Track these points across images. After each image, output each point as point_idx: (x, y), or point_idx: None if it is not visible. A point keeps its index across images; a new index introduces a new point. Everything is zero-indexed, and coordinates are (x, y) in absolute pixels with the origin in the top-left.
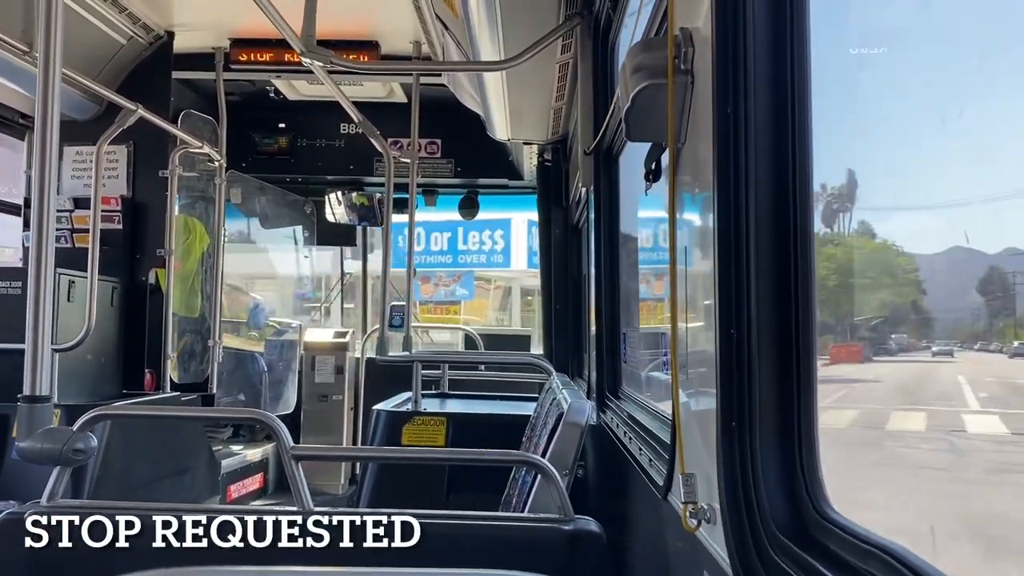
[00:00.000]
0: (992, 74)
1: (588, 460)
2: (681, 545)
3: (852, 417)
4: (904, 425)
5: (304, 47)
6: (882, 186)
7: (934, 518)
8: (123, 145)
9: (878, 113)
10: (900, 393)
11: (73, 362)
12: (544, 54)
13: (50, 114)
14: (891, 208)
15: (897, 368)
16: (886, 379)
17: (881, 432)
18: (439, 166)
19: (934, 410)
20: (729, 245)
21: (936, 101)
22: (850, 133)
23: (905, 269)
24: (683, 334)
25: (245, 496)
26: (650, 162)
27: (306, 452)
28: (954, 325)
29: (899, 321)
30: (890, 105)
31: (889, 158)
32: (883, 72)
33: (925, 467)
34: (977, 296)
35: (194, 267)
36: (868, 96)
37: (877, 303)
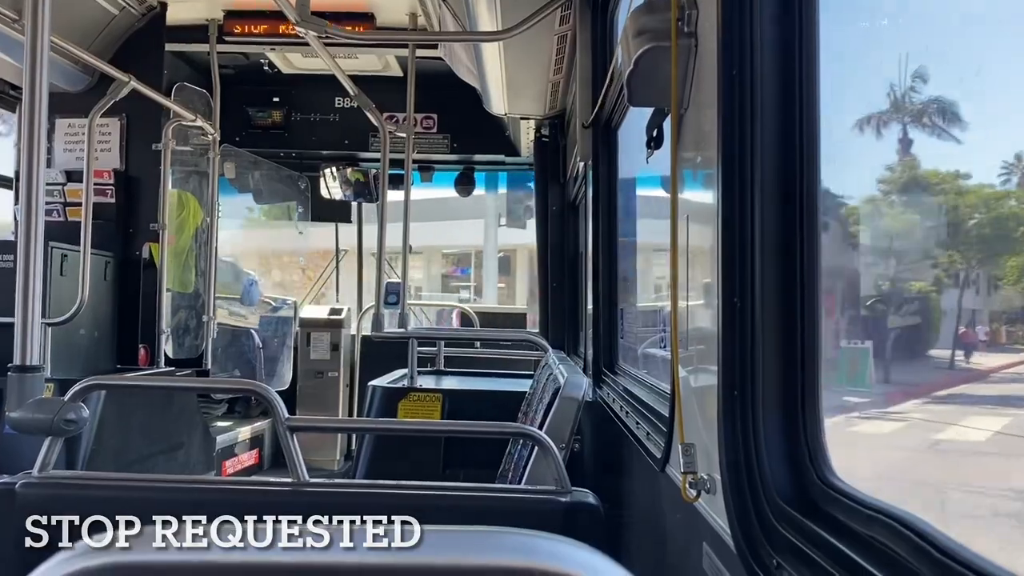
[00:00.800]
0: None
1: (585, 435)
2: (680, 516)
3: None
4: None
5: (299, 16)
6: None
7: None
8: (116, 118)
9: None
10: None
11: (66, 337)
12: (542, 25)
13: (39, 85)
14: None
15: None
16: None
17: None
18: (435, 141)
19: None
20: (733, 212)
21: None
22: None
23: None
24: (683, 306)
25: (240, 472)
26: (652, 128)
27: (301, 423)
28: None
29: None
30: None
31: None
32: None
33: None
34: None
35: (188, 242)
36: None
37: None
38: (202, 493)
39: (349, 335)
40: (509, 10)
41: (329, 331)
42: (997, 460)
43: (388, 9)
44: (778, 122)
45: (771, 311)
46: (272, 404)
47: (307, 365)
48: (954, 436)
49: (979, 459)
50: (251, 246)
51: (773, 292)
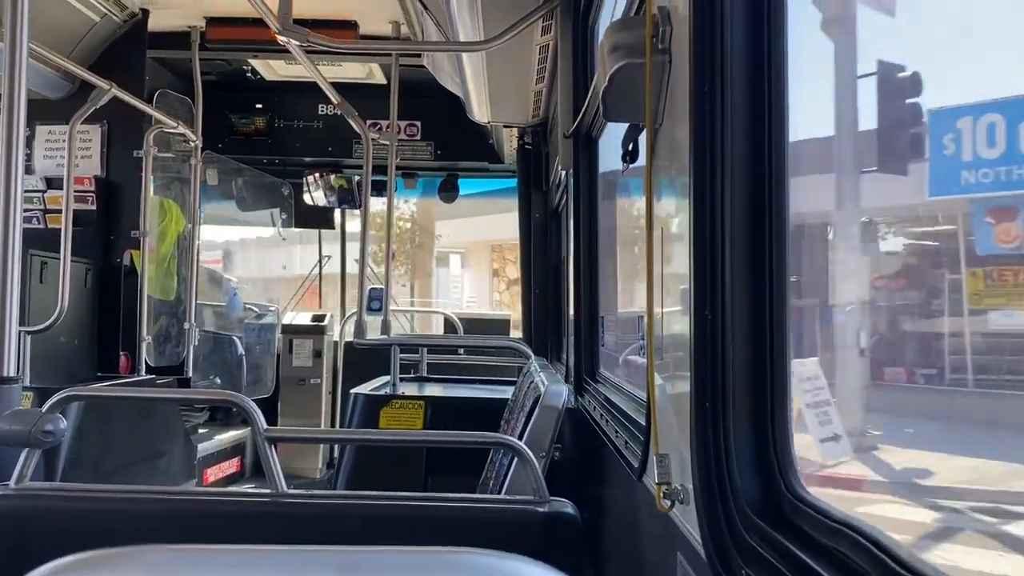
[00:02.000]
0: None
1: (566, 443)
2: (655, 526)
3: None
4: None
5: (280, 25)
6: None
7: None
8: (97, 124)
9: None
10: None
11: (46, 345)
12: (524, 35)
13: (17, 91)
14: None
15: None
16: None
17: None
18: (419, 149)
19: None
20: (704, 227)
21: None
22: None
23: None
24: (659, 316)
25: (222, 480)
26: (627, 143)
27: (280, 434)
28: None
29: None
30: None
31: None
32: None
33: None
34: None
35: (170, 249)
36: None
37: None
38: (180, 504)
39: (332, 342)
40: (492, 20)
41: (312, 338)
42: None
43: (371, 18)
44: (748, 138)
45: (741, 323)
46: (250, 414)
47: (289, 372)
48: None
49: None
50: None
51: (743, 304)
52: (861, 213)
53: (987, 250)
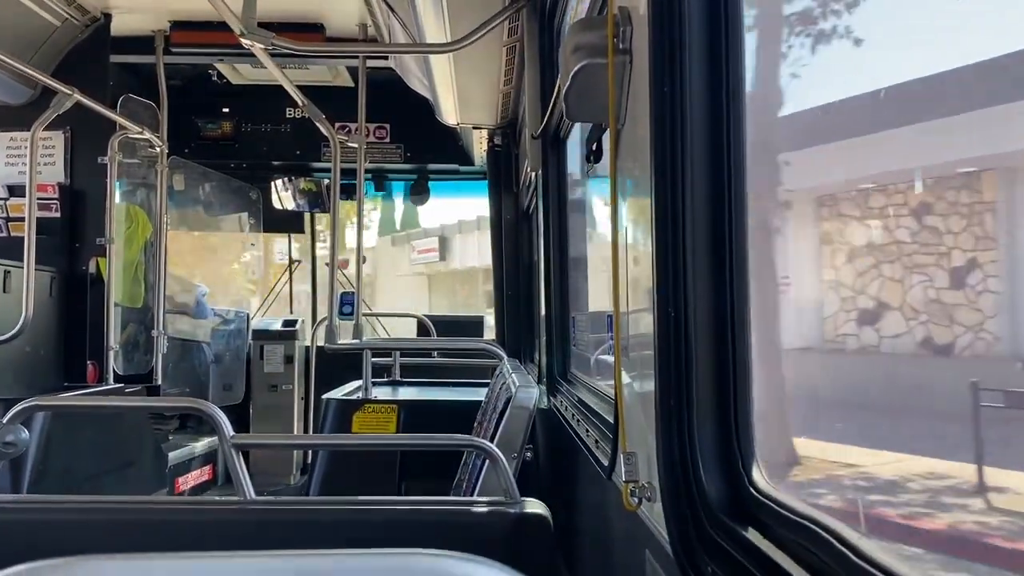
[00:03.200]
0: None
1: (538, 444)
2: (624, 524)
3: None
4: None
5: (244, 28)
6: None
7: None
8: (59, 131)
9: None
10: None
11: (11, 355)
12: (491, 37)
13: None
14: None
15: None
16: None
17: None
18: (388, 151)
19: None
20: (666, 225)
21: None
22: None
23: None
24: (625, 314)
25: (194, 488)
26: (591, 143)
27: (247, 441)
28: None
29: None
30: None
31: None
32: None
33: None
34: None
35: (136, 256)
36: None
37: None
38: (148, 513)
39: (303, 347)
40: (458, 22)
41: (283, 343)
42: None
43: (337, 19)
44: (708, 136)
45: (704, 321)
46: (216, 422)
47: (261, 378)
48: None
49: None
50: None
51: (706, 302)
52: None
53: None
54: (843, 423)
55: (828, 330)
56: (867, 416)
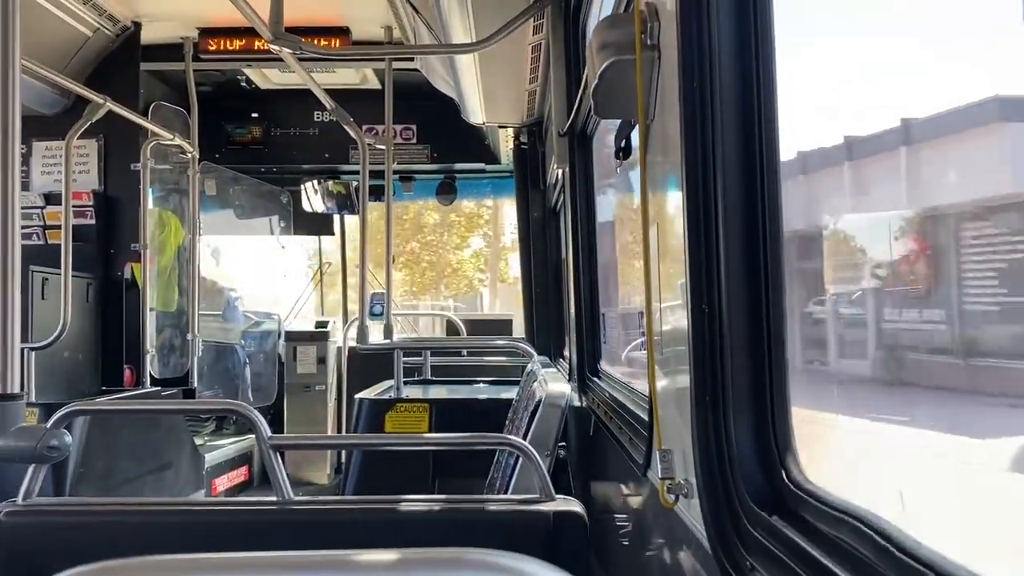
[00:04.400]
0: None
1: (570, 441)
2: (661, 521)
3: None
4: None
5: (272, 34)
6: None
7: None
8: (93, 139)
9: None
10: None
11: (50, 361)
12: (516, 36)
13: (11, 107)
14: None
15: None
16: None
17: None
18: (415, 152)
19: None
20: (698, 220)
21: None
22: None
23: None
24: (658, 311)
25: (231, 489)
26: (620, 139)
27: (284, 442)
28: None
29: None
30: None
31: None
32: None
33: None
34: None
35: (170, 261)
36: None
37: None
38: (187, 515)
39: (335, 347)
40: (483, 21)
41: (315, 344)
42: None
43: (363, 23)
44: (740, 130)
45: (739, 316)
46: (254, 423)
47: (294, 379)
48: None
49: None
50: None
51: (740, 297)
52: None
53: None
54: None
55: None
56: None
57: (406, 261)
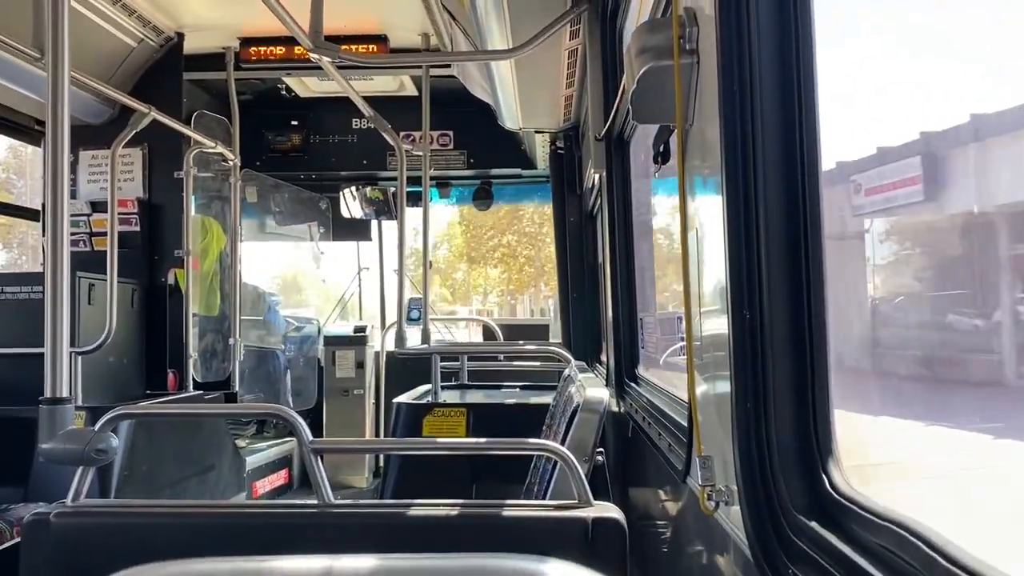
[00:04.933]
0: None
1: (608, 446)
2: (701, 528)
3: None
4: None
5: (312, 43)
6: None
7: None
8: (138, 148)
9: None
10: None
11: (96, 365)
12: (552, 41)
13: (60, 118)
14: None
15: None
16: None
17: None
18: (452, 158)
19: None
20: (739, 225)
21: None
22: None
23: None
24: (697, 317)
25: (271, 492)
26: (658, 144)
27: (325, 446)
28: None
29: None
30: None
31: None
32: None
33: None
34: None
35: (212, 267)
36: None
37: None
38: (230, 517)
39: (373, 352)
40: (519, 27)
41: (353, 349)
42: None
43: (401, 30)
44: (780, 135)
45: (780, 321)
46: (296, 427)
47: (333, 384)
48: None
49: None
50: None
51: (781, 302)
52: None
53: None
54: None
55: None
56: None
57: (502, 256)
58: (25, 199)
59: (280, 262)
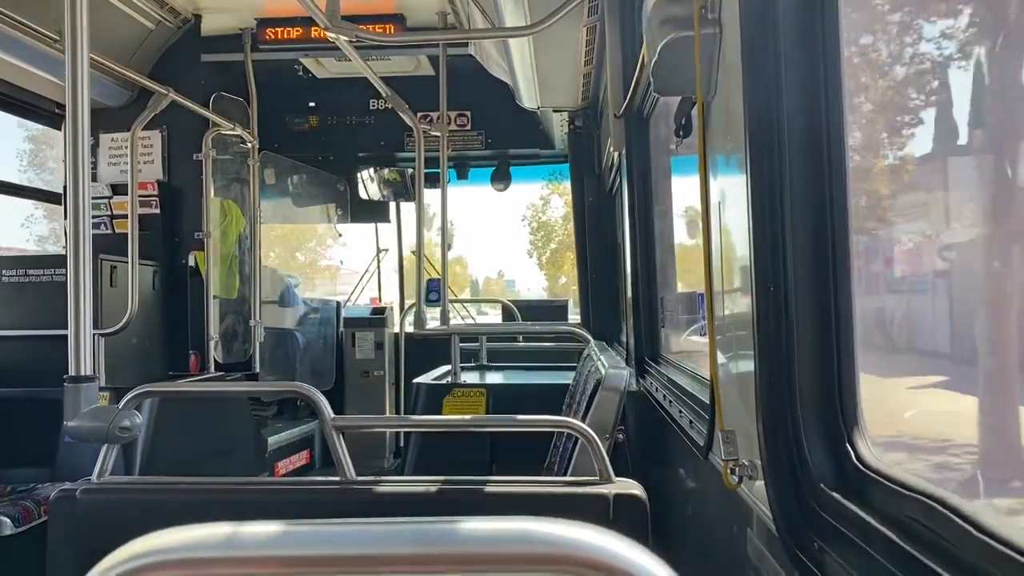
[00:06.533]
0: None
1: (629, 425)
2: (724, 503)
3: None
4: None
5: (328, 22)
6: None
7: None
8: (157, 130)
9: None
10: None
11: (119, 346)
12: (571, 17)
13: (80, 101)
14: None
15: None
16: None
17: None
18: (469, 138)
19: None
20: (763, 198)
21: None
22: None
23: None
24: (720, 291)
25: (293, 472)
26: (680, 117)
27: (347, 423)
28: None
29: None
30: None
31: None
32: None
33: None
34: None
35: (231, 249)
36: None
37: None
38: (253, 494)
39: (393, 334)
40: (537, 4)
41: (373, 330)
42: None
43: (418, 9)
44: (804, 106)
45: (805, 295)
46: (317, 405)
47: (353, 365)
48: None
49: None
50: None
51: (806, 276)
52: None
53: None
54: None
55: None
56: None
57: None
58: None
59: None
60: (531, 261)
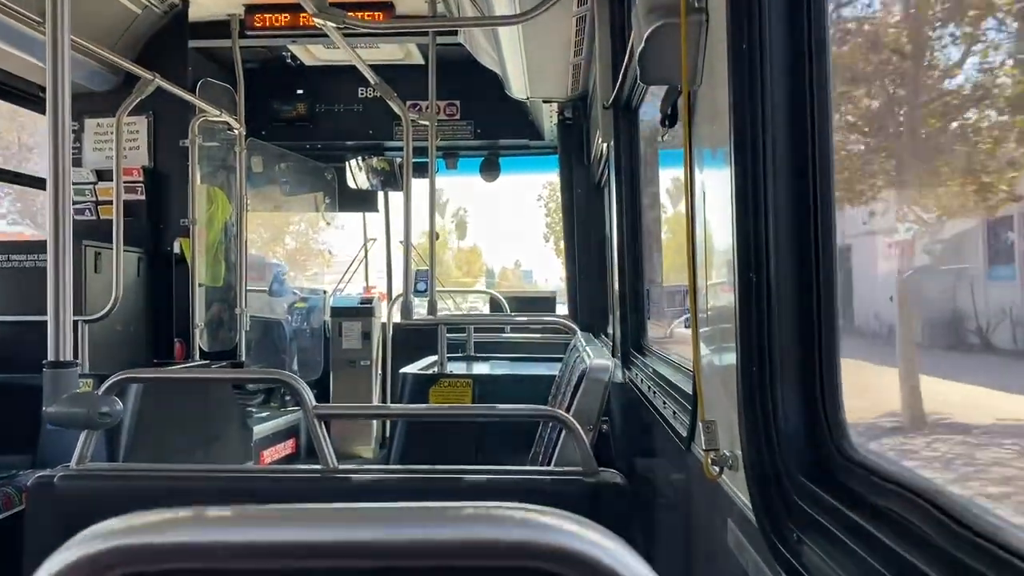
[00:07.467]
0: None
1: (614, 417)
2: (705, 493)
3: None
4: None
5: (316, 8)
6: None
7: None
8: (143, 116)
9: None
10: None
11: (103, 333)
12: (560, 6)
13: (61, 85)
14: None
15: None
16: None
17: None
18: (459, 128)
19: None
20: (746, 187)
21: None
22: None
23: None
24: (702, 283)
25: (278, 461)
26: (666, 106)
27: (329, 411)
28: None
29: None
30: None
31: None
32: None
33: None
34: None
35: (217, 236)
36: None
37: None
38: (234, 481)
39: (380, 323)
40: None
41: (360, 320)
42: None
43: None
44: (789, 95)
45: (787, 285)
46: (300, 393)
47: (339, 355)
48: None
49: None
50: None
51: (789, 266)
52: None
53: None
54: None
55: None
56: None
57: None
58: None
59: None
60: (548, 247)
